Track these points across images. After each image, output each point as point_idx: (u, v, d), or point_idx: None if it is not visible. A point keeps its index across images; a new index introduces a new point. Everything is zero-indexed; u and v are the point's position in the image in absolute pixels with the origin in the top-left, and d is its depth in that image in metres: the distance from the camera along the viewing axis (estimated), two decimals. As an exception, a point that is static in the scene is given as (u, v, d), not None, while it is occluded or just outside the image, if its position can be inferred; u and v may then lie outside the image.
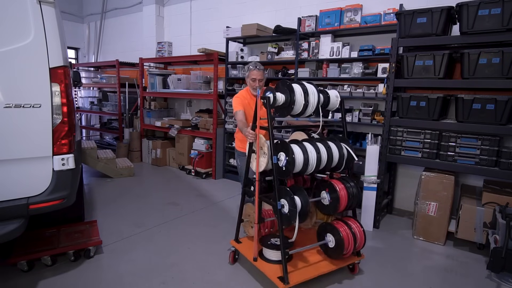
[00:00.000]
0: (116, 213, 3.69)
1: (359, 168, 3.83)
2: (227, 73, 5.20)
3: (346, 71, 4.05)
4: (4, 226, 2.06)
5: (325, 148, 2.33)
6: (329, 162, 2.33)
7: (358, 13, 3.93)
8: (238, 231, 2.77)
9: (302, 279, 2.23)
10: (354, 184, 2.41)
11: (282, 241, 2.19)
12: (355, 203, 2.43)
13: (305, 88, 2.26)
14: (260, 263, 2.42)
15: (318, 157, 2.25)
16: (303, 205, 2.20)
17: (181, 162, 5.79)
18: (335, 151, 2.39)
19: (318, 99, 2.32)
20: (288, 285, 2.13)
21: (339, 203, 2.33)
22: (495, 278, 2.61)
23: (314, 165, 2.24)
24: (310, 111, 2.30)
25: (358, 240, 2.42)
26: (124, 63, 6.45)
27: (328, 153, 2.32)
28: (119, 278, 2.45)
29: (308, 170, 2.26)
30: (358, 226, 2.47)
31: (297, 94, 2.21)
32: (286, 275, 2.15)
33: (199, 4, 6.01)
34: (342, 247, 2.34)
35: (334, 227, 2.41)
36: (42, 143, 2.18)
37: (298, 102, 2.22)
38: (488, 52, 2.87)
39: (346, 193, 2.36)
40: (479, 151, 3.03)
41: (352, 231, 2.40)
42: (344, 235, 2.35)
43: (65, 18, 7.48)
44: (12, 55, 2.05)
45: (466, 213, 3.03)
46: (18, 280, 2.37)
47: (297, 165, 2.19)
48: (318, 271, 2.34)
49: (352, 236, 2.38)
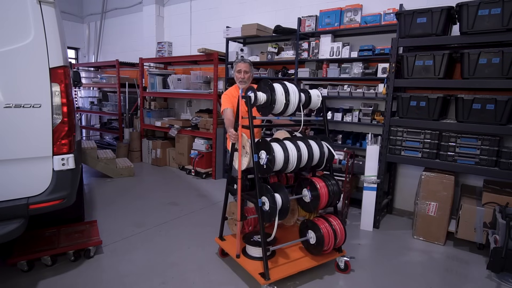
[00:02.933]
0: (116, 213, 3.69)
1: (359, 168, 3.83)
2: (227, 73, 5.20)
3: (346, 71, 4.06)
4: (4, 226, 2.06)
5: (306, 146, 2.36)
6: (310, 160, 2.38)
7: (358, 13, 3.93)
8: (222, 228, 2.82)
9: (283, 275, 2.28)
10: (335, 182, 2.47)
11: (263, 238, 2.24)
12: (336, 200, 2.48)
13: (286, 87, 2.30)
14: (243, 260, 2.48)
15: (298, 155, 2.29)
16: (284, 202, 2.24)
17: (181, 162, 5.79)
18: (316, 149, 2.43)
19: (299, 98, 2.35)
20: (269, 281, 2.17)
21: (319, 200, 2.38)
22: (495, 278, 2.61)
23: (295, 163, 2.29)
24: (291, 110, 2.34)
25: (338, 236, 2.46)
26: (124, 63, 6.45)
27: (308, 151, 2.36)
28: (119, 278, 2.45)
29: (289, 168, 2.30)
30: (339, 223, 2.50)
31: (278, 94, 2.26)
32: (267, 271, 2.20)
33: (199, 4, 6.01)
34: (322, 243, 2.40)
35: (315, 224, 2.47)
36: (42, 143, 2.18)
37: (279, 101, 2.27)
38: (488, 52, 2.87)
39: (326, 191, 2.40)
40: (479, 151, 3.03)
41: (332, 228, 2.45)
42: (324, 232, 2.41)
43: (65, 18, 7.48)
44: (12, 55, 2.05)
45: (466, 213, 3.03)
46: (18, 280, 2.37)
47: (278, 163, 2.23)
48: (299, 267, 2.39)
49: (332, 233, 2.43)
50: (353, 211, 3.94)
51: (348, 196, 3.78)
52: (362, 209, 3.50)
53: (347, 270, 2.60)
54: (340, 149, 3.81)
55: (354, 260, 2.85)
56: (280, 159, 2.23)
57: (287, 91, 2.28)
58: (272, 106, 2.27)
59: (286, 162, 2.24)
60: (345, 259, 2.59)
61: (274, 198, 2.21)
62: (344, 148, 3.87)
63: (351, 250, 3.04)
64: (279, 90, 2.27)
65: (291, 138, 2.43)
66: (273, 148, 2.23)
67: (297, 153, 2.29)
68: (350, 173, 3.64)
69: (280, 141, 2.34)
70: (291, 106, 2.31)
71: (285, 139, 2.40)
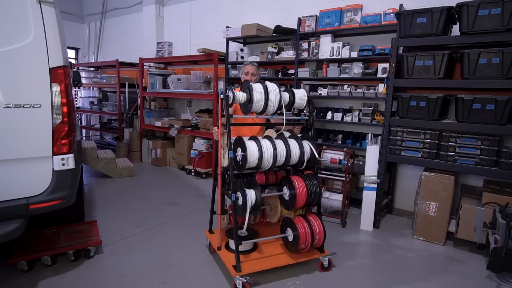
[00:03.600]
0: (116, 213, 3.69)
1: (359, 168, 3.83)
2: (227, 73, 5.20)
3: (346, 71, 4.06)
4: (4, 226, 2.07)
5: (284, 145, 2.39)
6: (288, 159, 2.40)
7: (358, 13, 3.93)
8: (211, 222, 2.92)
9: (255, 269, 2.36)
10: (316, 183, 2.49)
11: (235, 232, 2.34)
12: (315, 200, 2.50)
13: (265, 87, 2.35)
14: (223, 252, 2.58)
15: (274, 154, 2.33)
16: (257, 198, 2.31)
17: (181, 162, 5.79)
18: (295, 148, 2.45)
19: (280, 98, 2.39)
20: (240, 273, 2.27)
21: (296, 199, 2.42)
22: (495, 278, 2.61)
23: (271, 161, 2.33)
24: (272, 109, 2.39)
25: (316, 236, 2.48)
26: (124, 63, 6.45)
27: (286, 150, 2.39)
28: (119, 278, 2.45)
29: (264, 165, 2.35)
30: (319, 224, 2.52)
31: (257, 93, 2.32)
32: (238, 264, 2.30)
33: (199, 4, 6.01)
34: (298, 242, 2.43)
35: (292, 222, 2.50)
36: (42, 143, 2.18)
37: (258, 100, 2.33)
38: (488, 52, 2.87)
39: (305, 191, 2.43)
40: (479, 151, 3.03)
41: (311, 228, 2.46)
42: (301, 231, 2.43)
43: (65, 18, 7.48)
44: (12, 55, 2.05)
45: (466, 213, 3.03)
46: (18, 280, 2.37)
47: (252, 160, 2.30)
48: (274, 263, 2.46)
49: (310, 232, 2.44)
50: (353, 211, 3.94)
51: (348, 196, 3.79)
52: (362, 209, 3.50)
53: (329, 268, 2.61)
54: (340, 149, 3.81)
55: (354, 260, 2.85)
56: (254, 157, 2.29)
57: (266, 91, 2.33)
58: (251, 105, 2.35)
59: (260, 160, 2.31)
60: (328, 257, 2.60)
61: (245, 194, 2.29)
62: (344, 148, 3.88)
63: (351, 250, 3.04)
64: (258, 89, 2.33)
65: (269, 137, 2.47)
66: (246, 146, 2.30)
67: (273, 151, 2.33)
68: (350, 173, 3.64)
69: (257, 139, 2.39)
70: (271, 105, 2.37)
71: (265, 138, 2.46)
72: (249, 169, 2.39)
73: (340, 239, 3.25)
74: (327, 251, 2.64)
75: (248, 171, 2.49)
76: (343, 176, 3.60)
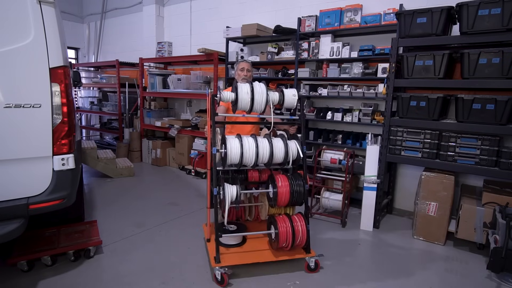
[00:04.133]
0: (116, 213, 3.69)
1: (359, 168, 3.83)
2: (227, 73, 5.20)
3: (346, 71, 4.06)
4: (4, 226, 2.07)
5: (269, 144, 2.44)
6: (271, 157, 2.45)
7: (358, 13, 3.93)
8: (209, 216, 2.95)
9: (235, 262, 2.46)
10: (301, 183, 2.51)
11: (216, 225, 2.46)
12: (300, 200, 2.54)
13: (252, 87, 2.45)
14: (211, 244, 2.66)
15: (256, 151, 2.41)
16: (237, 194, 2.44)
17: (181, 162, 5.79)
18: (279, 148, 2.48)
19: (266, 97, 2.46)
20: (218, 264, 2.38)
21: (277, 197, 2.48)
22: (495, 278, 2.61)
23: (253, 159, 2.42)
24: (259, 108, 2.48)
25: (298, 236, 2.49)
26: (124, 63, 6.45)
27: (270, 149, 2.44)
28: (119, 278, 2.45)
29: (246, 162, 2.44)
30: (303, 225, 2.53)
31: (243, 93, 2.43)
32: (218, 255, 2.42)
33: (199, 4, 6.01)
34: (278, 240, 2.47)
35: (275, 221, 2.55)
36: (42, 143, 2.18)
37: (244, 100, 2.44)
38: (488, 52, 2.87)
39: (287, 190, 2.47)
40: (479, 151, 3.03)
41: (293, 228, 2.48)
42: (281, 230, 2.47)
43: (65, 18, 7.48)
44: (12, 55, 2.05)
45: (466, 213, 3.03)
46: (18, 280, 2.37)
47: (233, 157, 2.40)
48: (255, 259, 2.53)
49: (291, 232, 2.46)
50: (353, 211, 3.94)
51: (348, 196, 3.79)
52: (362, 209, 3.50)
53: (316, 269, 2.59)
54: (340, 149, 3.81)
55: (354, 260, 2.85)
56: (235, 153, 2.39)
57: (252, 91, 2.43)
58: (237, 104, 2.47)
59: (241, 157, 2.40)
60: (315, 258, 2.58)
61: (225, 189, 2.41)
62: (344, 148, 3.88)
63: (351, 249, 3.04)
64: (244, 89, 2.45)
65: (254, 135, 2.54)
66: (227, 143, 2.41)
67: (255, 149, 2.40)
68: (350, 173, 3.64)
69: (240, 137, 2.47)
70: (258, 104, 2.45)
71: (250, 136, 2.53)
72: (235, 165, 2.48)
73: (340, 239, 3.25)
74: (314, 252, 2.61)
75: (234, 167, 2.56)
76: (343, 176, 3.60)
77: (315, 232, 3.35)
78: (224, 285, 2.36)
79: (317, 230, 3.40)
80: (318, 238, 3.21)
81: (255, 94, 2.42)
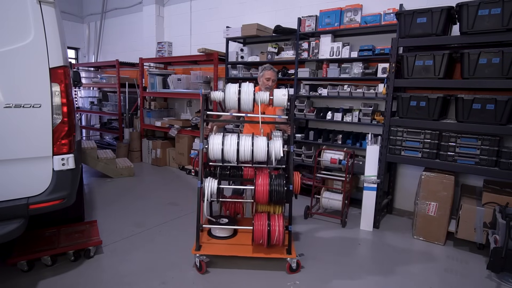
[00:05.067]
0: (116, 213, 3.69)
1: (359, 168, 3.83)
2: (227, 73, 5.20)
3: (346, 71, 4.06)
4: (4, 226, 2.06)
5: (251, 143, 2.52)
6: (252, 155, 2.53)
7: (358, 13, 3.93)
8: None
9: (212, 252, 2.59)
10: (281, 183, 2.51)
11: (198, 215, 2.57)
12: (279, 200, 2.54)
13: (239, 87, 2.56)
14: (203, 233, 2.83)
15: (237, 149, 2.51)
16: (217, 188, 2.56)
17: (181, 162, 5.79)
18: (260, 147, 2.52)
19: (253, 97, 2.54)
20: (198, 251, 2.53)
21: (255, 195, 2.53)
22: (495, 278, 2.61)
23: (234, 156, 2.52)
24: (246, 107, 2.57)
25: (274, 236, 2.50)
26: (124, 63, 6.45)
27: (251, 148, 2.51)
28: (119, 278, 2.45)
29: (228, 158, 2.55)
30: (280, 225, 2.53)
31: (230, 93, 2.55)
32: (198, 243, 2.57)
33: (199, 4, 6.01)
34: (253, 236, 2.53)
35: (253, 218, 2.60)
36: (42, 143, 2.18)
37: (232, 99, 2.56)
38: (488, 52, 2.87)
39: (265, 189, 2.50)
40: (479, 151, 3.03)
41: (268, 227, 2.50)
42: (256, 228, 2.52)
43: (65, 18, 7.47)
44: (12, 55, 2.05)
45: (466, 213, 3.03)
46: (18, 280, 2.37)
47: (214, 153, 2.54)
48: (232, 252, 2.63)
49: (266, 231, 2.49)
50: (353, 211, 3.94)
51: (348, 196, 3.79)
52: (362, 209, 3.50)
53: (297, 269, 2.59)
54: (340, 149, 3.81)
55: (354, 260, 2.85)
56: (216, 150, 2.52)
57: (239, 91, 2.54)
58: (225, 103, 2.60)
59: (222, 153, 2.53)
60: (296, 259, 2.57)
61: (205, 182, 2.54)
62: (344, 148, 3.88)
63: (351, 249, 3.04)
64: (231, 89, 2.56)
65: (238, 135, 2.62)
66: (209, 140, 2.55)
67: (235, 147, 2.51)
68: (350, 173, 3.64)
69: (225, 136, 2.58)
70: (245, 104, 2.55)
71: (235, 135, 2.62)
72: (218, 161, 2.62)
73: (340, 239, 3.25)
74: (295, 254, 2.58)
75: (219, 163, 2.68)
76: (343, 176, 3.60)
77: (315, 232, 3.35)
78: (202, 272, 2.52)
79: (317, 230, 3.40)
80: (318, 238, 3.21)
81: (242, 94, 2.53)
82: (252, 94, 2.55)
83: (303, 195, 4.07)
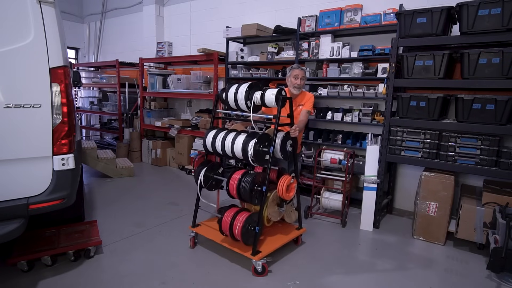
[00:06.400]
0: (116, 213, 3.69)
1: (359, 168, 3.83)
2: (227, 73, 5.20)
3: (346, 71, 4.06)
4: (4, 226, 2.07)
5: (232, 140, 2.69)
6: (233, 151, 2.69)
7: (358, 13, 3.93)
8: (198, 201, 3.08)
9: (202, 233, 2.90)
10: (250, 180, 2.56)
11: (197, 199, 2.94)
12: (246, 197, 2.60)
13: (237, 88, 2.72)
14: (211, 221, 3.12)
15: (222, 144, 2.74)
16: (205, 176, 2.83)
17: (181, 162, 5.79)
18: (238, 144, 2.64)
19: (248, 96, 2.66)
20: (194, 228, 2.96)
21: (229, 188, 2.70)
22: (495, 278, 2.61)
23: (220, 150, 2.78)
24: (242, 105, 2.71)
25: (235, 230, 2.57)
26: (124, 63, 6.45)
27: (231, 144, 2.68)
28: (119, 278, 2.45)
29: (217, 151, 2.82)
30: (241, 221, 2.56)
31: (230, 93, 2.74)
32: (194, 222, 3.02)
33: (199, 4, 6.01)
34: (220, 226, 2.68)
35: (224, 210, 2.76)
36: (42, 143, 2.18)
37: (230, 99, 2.75)
38: (488, 52, 2.87)
39: (235, 183, 2.64)
40: (479, 151, 3.03)
41: (232, 220, 2.59)
42: (224, 219, 2.66)
43: (65, 18, 7.48)
44: (12, 55, 2.05)
45: (466, 213, 3.03)
46: (18, 280, 2.37)
47: (208, 145, 2.87)
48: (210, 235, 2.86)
49: (229, 224, 2.59)
50: (353, 211, 3.94)
51: (348, 196, 3.79)
52: (362, 209, 3.50)
53: (264, 273, 2.52)
54: (340, 149, 3.81)
55: (354, 260, 2.85)
56: (208, 143, 2.85)
57: (236, 91, 2.69)
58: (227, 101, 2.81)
59: (212, 146, 2.82)
60: (261, 262, 2.52)
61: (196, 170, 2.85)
62: (344, 148, 3.88)
63: (351, 249, 3.04)
64: (232, 90, 2.74)
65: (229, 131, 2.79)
66: (205, 134, 2.86)
67: (221, 142, 2.75)
68: (350, 173, 3.64)
69: (220, 131, 2.80)
70: (239, 103, 2.70)
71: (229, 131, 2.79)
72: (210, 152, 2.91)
73: (340, 239, 3.25)
74: (260, 256, 2.51)
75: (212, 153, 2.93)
76: (343, 176, 3.60)
77: (315, 232, 3.35)
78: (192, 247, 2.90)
79: (317, 230, 3.41)
80: (318, 238, 3.21)
81: (238, 94, 2.67)
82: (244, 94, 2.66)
83: (303, 195, 4.07)
